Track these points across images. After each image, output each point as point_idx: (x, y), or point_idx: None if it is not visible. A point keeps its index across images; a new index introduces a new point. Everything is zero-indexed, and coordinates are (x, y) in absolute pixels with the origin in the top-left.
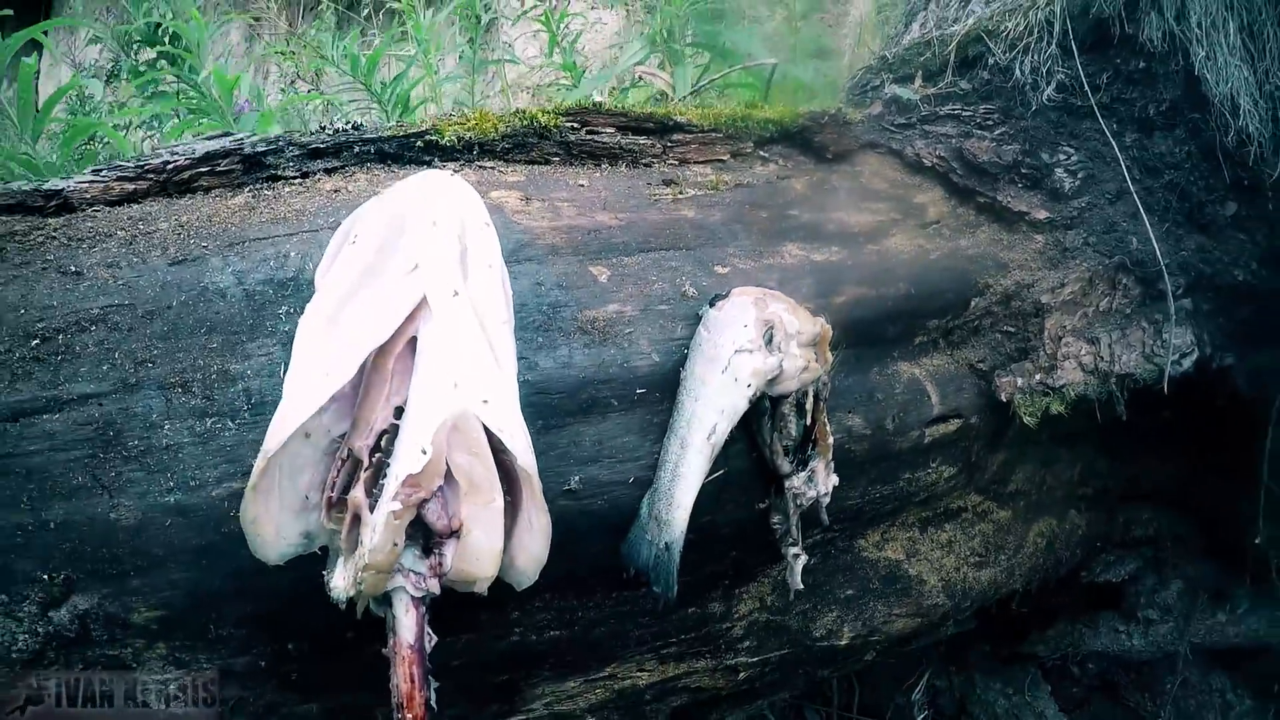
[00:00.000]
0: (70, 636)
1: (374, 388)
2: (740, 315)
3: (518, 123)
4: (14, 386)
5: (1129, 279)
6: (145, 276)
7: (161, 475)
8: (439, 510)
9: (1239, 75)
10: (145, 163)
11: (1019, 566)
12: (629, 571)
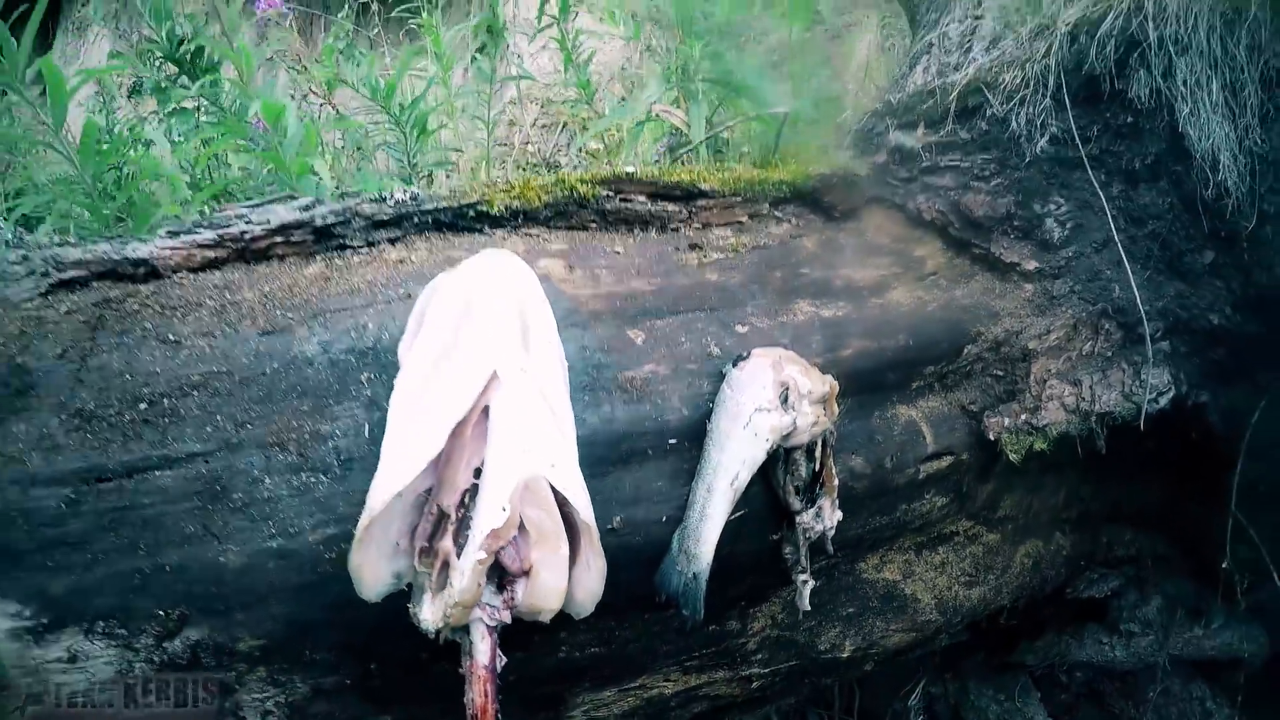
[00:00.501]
0: (182, 664)
1: (455, 452)
2: (760, 376)
3: (559, 192)
4: (127, 446)
5: (1111, 324)
6: (239, 345)
7: (264, 524)
8: (513, 555)
9: (1220, 132)
10: (224, 232)
11: (1007, 585)
12: (660, 597)
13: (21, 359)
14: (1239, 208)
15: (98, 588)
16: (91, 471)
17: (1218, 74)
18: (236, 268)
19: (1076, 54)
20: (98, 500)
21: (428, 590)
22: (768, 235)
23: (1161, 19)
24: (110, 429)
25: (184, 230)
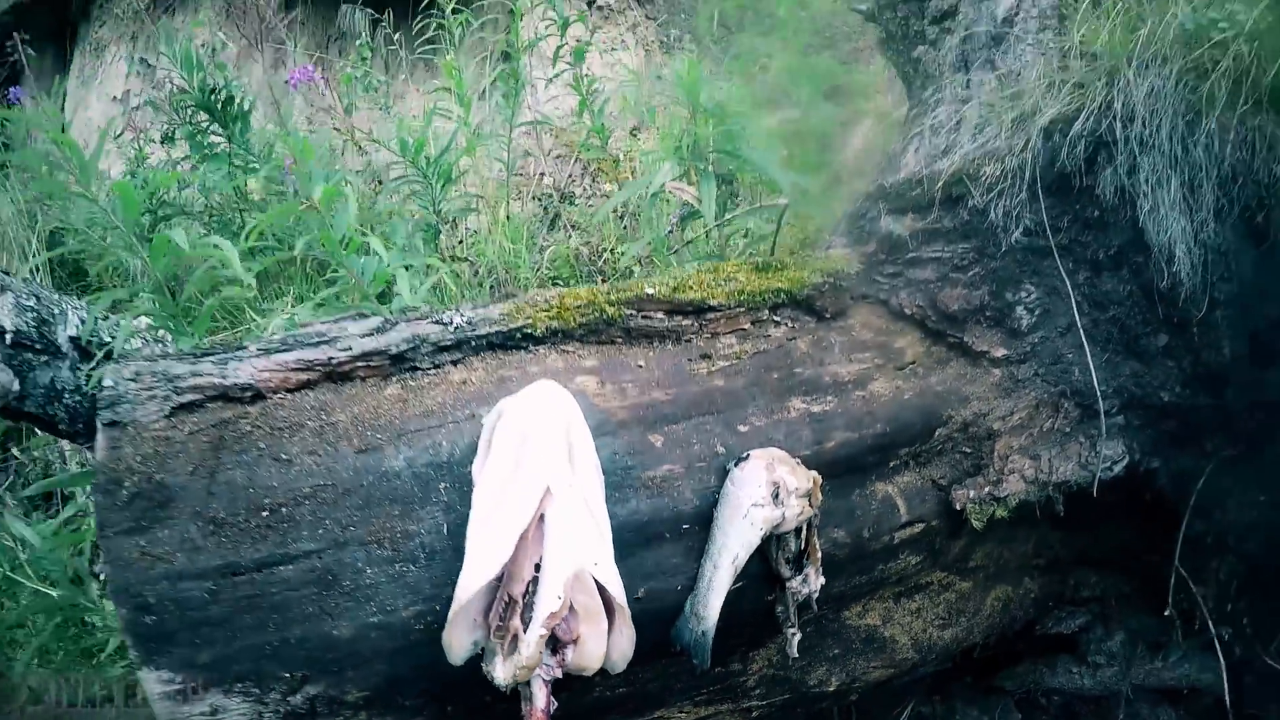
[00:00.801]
0: (302, 713)
1: (520, 551)
2: (755, 476)
3: (592, 314)
4: (254, 547)
5: (1069, 404)
6: (340, 463)
7: (367, 604)
8: (565, 628)
9: (1177, 226)
10: (314, 358)
11: (978, 625)
12: (676, 648)
13: (160, 476)
14: (1191, 295)
15: (236, 657)
16: (227, 567)
17: (1177, 173)
18: (326, 389)
19: (1050, 150)
20: (233, 590)
21: (499, 654)
22: (767, 339)
23: (1128, 120)
24: (240, 533)
25: (274, 349)
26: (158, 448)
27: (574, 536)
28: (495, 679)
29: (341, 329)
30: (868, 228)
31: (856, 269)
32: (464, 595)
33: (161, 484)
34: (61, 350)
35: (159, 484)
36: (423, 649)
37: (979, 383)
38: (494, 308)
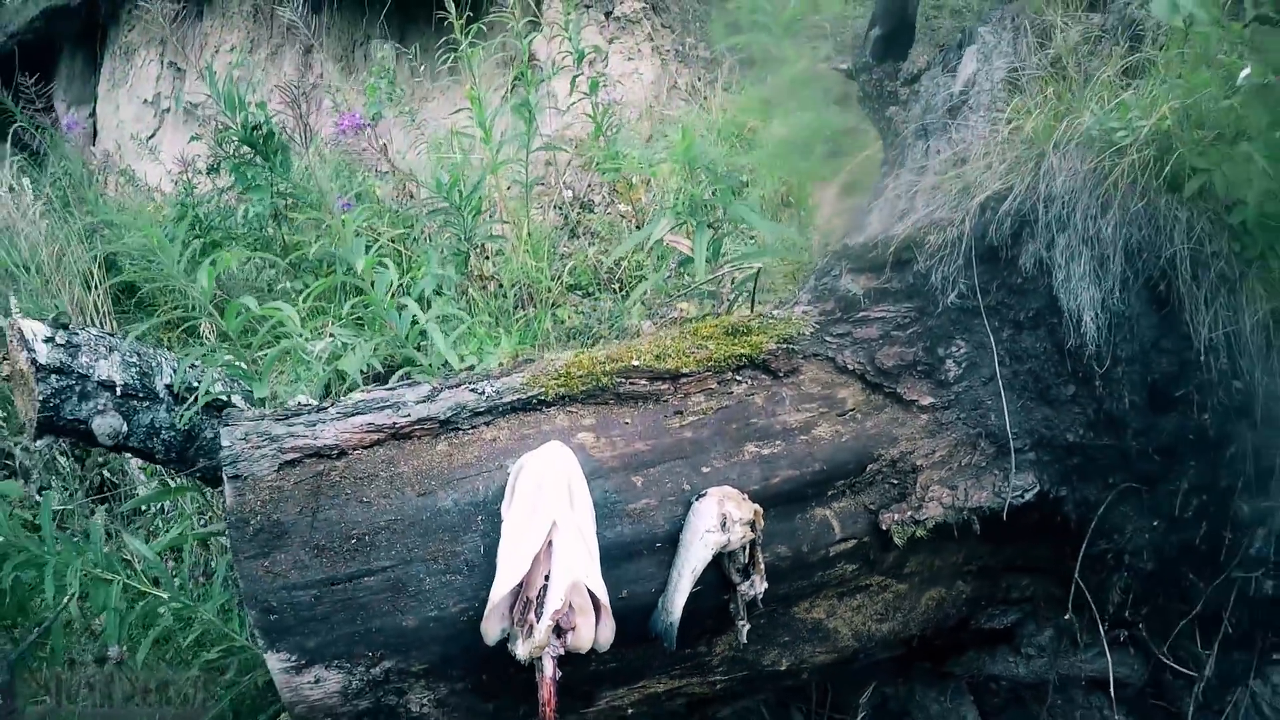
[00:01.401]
0: (379, 677)
1: (534, 567)
2: (709, 509)
3: (590, 382)
4: (346, 564)
5: (986, 443)
6: (406, 504)
7: (426, 604)
8: (566, 620)
9: (1086, 294)
10: (381, 424)
11: (914, 620)
12: (651, 634)
13: (276, 515)
14: (1096, 353)
15: (333, 643)
16: (327, 580)
17: (1088, 247)
18: (392, 445)
19: (984, 224)
20: (332, 596)
21: (520, 638)
22: (729, 396)
23: (1049, 202)
24: (335, 555)
25: (350, 413)
26: (272, 494)
27: (572, 557)
28: (517, 655)
29: (400, 396)
30: (830, 285)
31: (811, 329)
32: (496, 597)
33: (277, 521)
34: (159, 396)
35: (275, 521)
36: (467, 635)
37: (907, 426)
38: (515, 376)
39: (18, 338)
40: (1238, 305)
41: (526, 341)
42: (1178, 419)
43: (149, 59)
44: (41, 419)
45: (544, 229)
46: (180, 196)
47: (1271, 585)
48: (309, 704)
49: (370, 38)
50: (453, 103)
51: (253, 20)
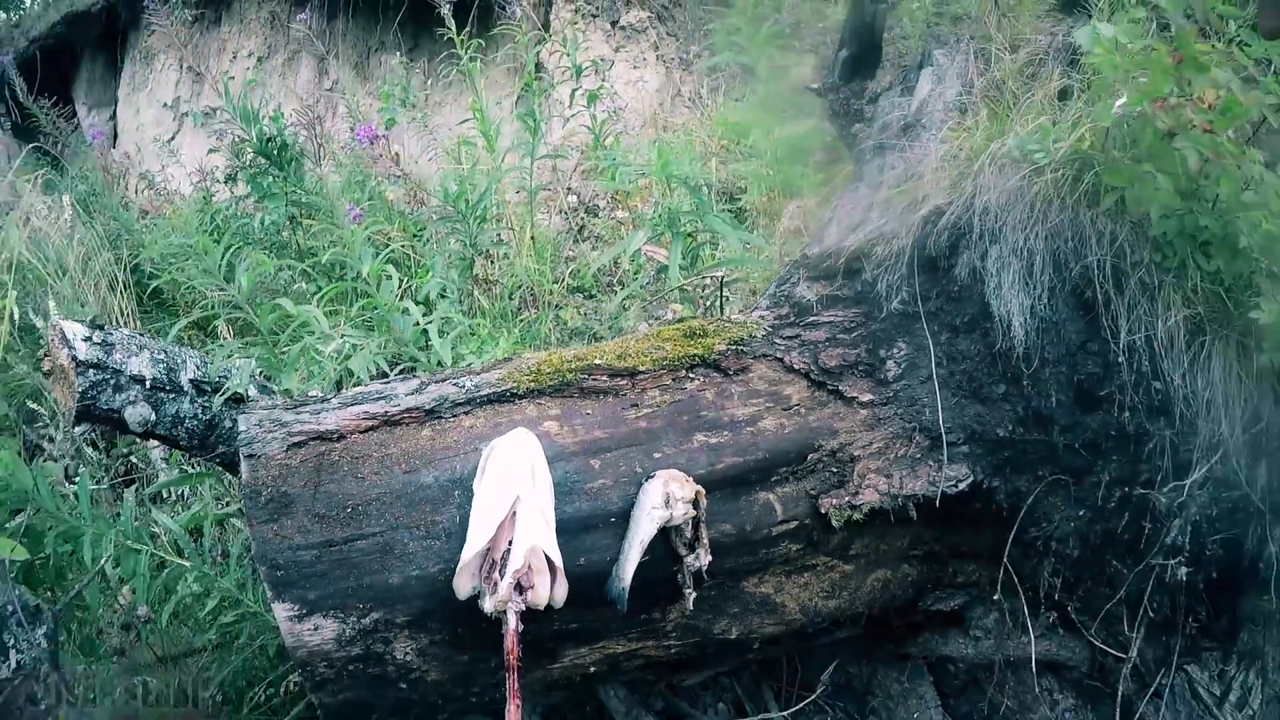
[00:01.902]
0: (369, 627)
1: (500, 533)
2: (656, 488)
3: (558, 378)
4: (342, 529)
5: (921, 436)
6: (394, 480)
7: (409, 564)
8: (526, 579)
9: (1016, 301)
10: (375, 412)
11: (859, 599)
12: (607, 598)
13: (283, 488)
14: (1025, 355)
15: (330, 595)
16: (326, 542)
17: (1018, 258)
18: (384, 431)
19: (924, 237)
20: (330, 556)
21: (486, 595)
22: (682, 391)
23: (983, 216)
24: (333, 521)
25: (349, 403)
26: (280, 470)
27: (531, 525)
28: (485, 609)
29: (392, 389)
30: (787, 291)
31: (764, 332)
32: (466, 557)
33: (285, 493)
34: (183, 389)
35: (283, 493)
36: (443, 592)
37: (847, 420)
38: (493, 373)
39: (59, 337)
40: (1157, 311)
41: (527, 342)
42: (1101, 416)
43: (168, 64)
44: (79, 409)
45: (548, 233)
46: (199, 204)
47: (1187, 573)
48: (309, 649)
49: (384, 45)
50: (463, 108)
51: (269, 27)
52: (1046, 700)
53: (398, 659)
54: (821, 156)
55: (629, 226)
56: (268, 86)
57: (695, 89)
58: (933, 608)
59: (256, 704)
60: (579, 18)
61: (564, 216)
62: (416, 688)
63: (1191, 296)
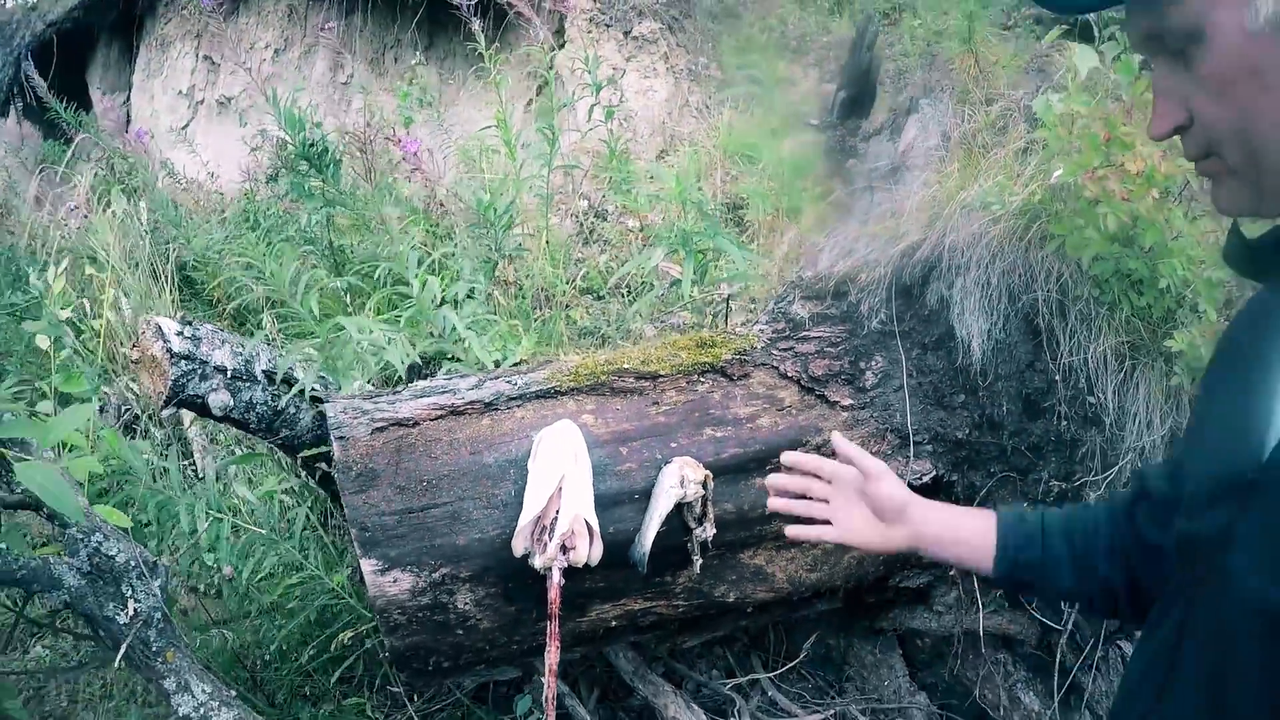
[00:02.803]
0: (438, 580)
1: (549, 503)
2: (673, 471)
3: (594, 379)
4: (419, 498)
5: (892, 436)
6: (461, 459)
7: (473, 529)
8: (570, 541)
9: (975, 326)
10: (443, 404)
11: (838, 574)
12: (630, 561)
13: (370, 464)
14: (981, 370)
15: (408, 554)
16: (406, 510)
17: (979, 289)
18: (451, 419)
19: (901, 268)
20: (409, 521)
21: (536, 554)
22: (694, 393)
23: (952, 253)
24: (411, 493)
25: (420, 395)
26: (367, 450)
27: (575, 497)
28: (535, 565)
29: (454, 385)
30: (784, 309)
31: (763, 344)
32: (522, 523)
33: (371, 469)
34: (257, 378)
35: (370, 469)
36: (500, 553)
37: (831, 420)
38: (539, 373)
39: (154, 330)
40: (1093, 338)
41: (544, 340)
42: (1044, 424)
43: (184, 51)
44: (170, 394)
45: (559, 235)
46: (242, 201)
47: None
48: (388, 598)
49: (400, 43)
50: (477, 106)
51: (287, 20)
52: (1000, 671)
53: (458, 608)
54: (819, 184)
55: (636, 232)
56: (284, 79)
57: (703, 99)
58: (901, 585)
59: (301, 665)
60: (594, 26)
61: (575, 220)
62: (470, 634)
63: (1123, 327)
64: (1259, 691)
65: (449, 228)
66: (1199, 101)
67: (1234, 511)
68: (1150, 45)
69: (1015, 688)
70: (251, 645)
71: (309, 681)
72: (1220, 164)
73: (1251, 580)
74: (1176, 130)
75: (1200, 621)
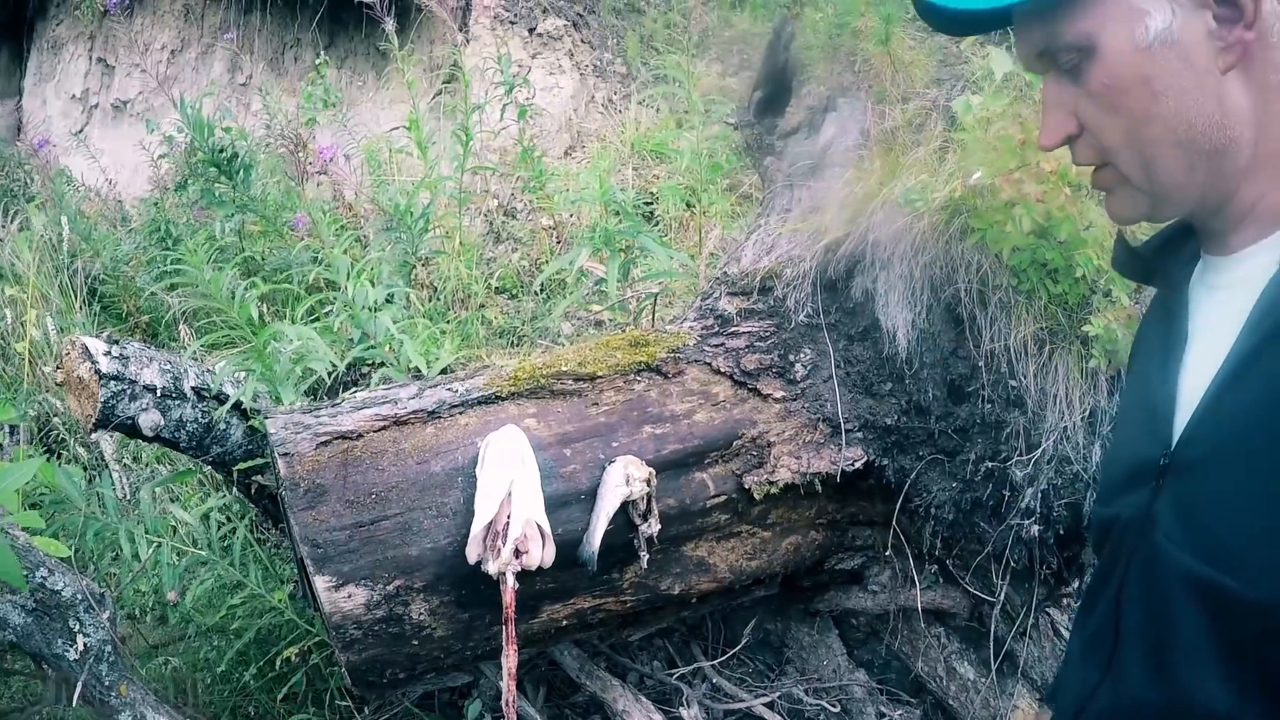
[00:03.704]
0: (392, 592)
1: (500, 509)
2: (617, 470)
3: (533, 383)
4: (369, 512)
5: (824, 425)
6: (408, 470)
7: (424, 538)
8: (522, 545)
9: (900, 317)
10: (386, 414)
11: (776, 560)
12: (579, 561)
13: (318, 480)
14: (907, 359)
15: (362, 568)
16: (357, 523)
17: (903, 282)
18: (395, 430)
19: (827, 262)
20: (359, 534)
21: (490, 560)
22: (632, 392)
23: (875, 248)
24: (361, 506)
25: (361, 407)
26: (314, 465)
27: (525, 501)
28: (489, 571)
29: (395, 394)
30: (711, 305)
31: (694, 341)
32: (474, 530)
33: (319, 484)
34: (186, 396)
35: (318, 484)
36: (452, 560)
37: (764, 413)
38: (479, 379)
39: (80, 351)
40: (1013, 325)
41: (464, 342)
42: (969, 408)
43: (77, 54)
44: (100, 417)
45: (471, 236)
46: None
47: (1039, 530)
48: (343, 613)
49: (300, 42)
50: (381, 105)
51: (184, 19)
52: (936, 645)
53: (413, 619)
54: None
55: (549, 230)
56: (181, 80)
57: (608, 95)
58: (836, 567)
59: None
60: (498, 24)
61: (485, 219)
62: (426, 644)
63: (1041, 314)
64: (1199, 655)
65: (360, 231)
66: (1089, 112)
67: (1150, 494)
68: (1041, 62)
69: (951, 659)
70: (192, 668)
71: (251, 702)
72: (1114, 174)
73: (1177, 555)
74: (1066, 140)
75: (1136, 597)
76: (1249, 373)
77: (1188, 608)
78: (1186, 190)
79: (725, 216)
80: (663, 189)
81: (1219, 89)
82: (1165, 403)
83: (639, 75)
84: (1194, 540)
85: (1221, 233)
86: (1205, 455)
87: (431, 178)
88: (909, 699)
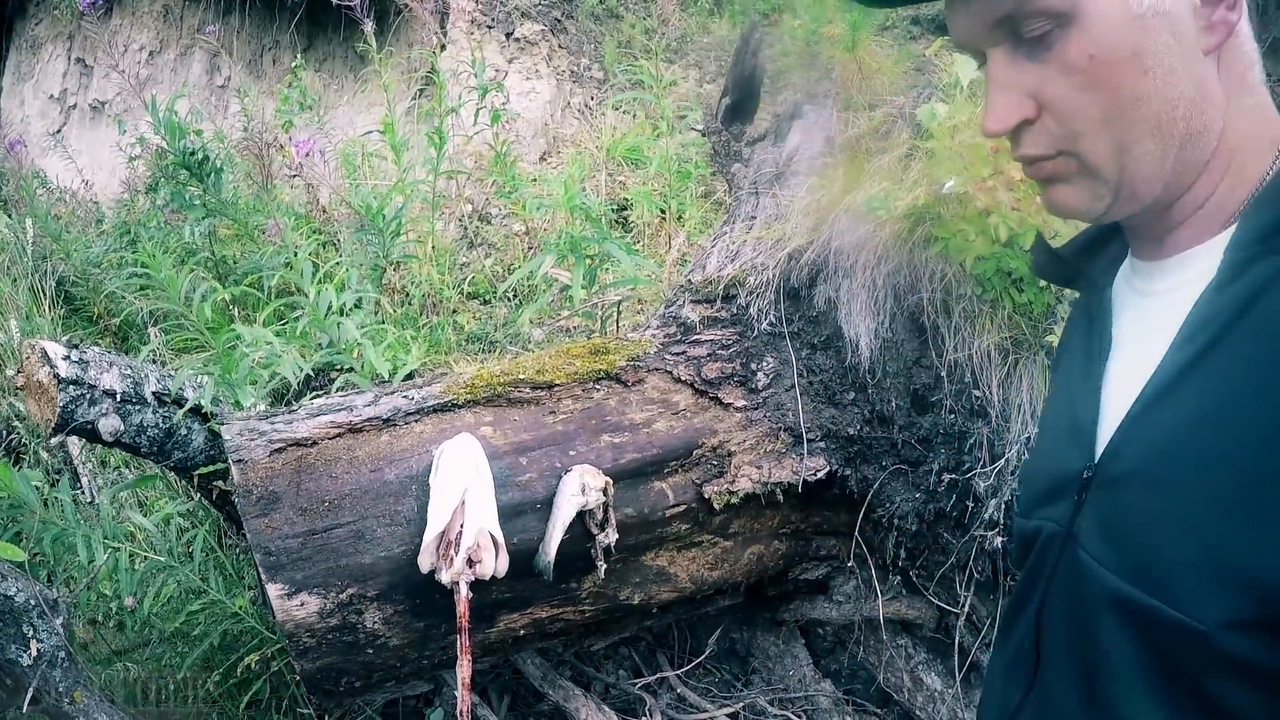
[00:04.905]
0: (345, 601)
1: (453, 518)
2: (573, 479)
3: (490, 391)
4: (322, 519)
5: (786, 434)
6: (362, 477)
7: (378, 547)
8: (475, 554)
9: (863, 326)
10: (341, 421)
11: (738, 570)
12: (535, 570)
13: (271, 487)
14: (870, 368)
15: (314, 576)
16: (310, 531)
17: (866, 291)
18: (350, 437)
19: (790, 270)
20: (312, 542)
21: (443, 569)
22: (590, 400)
23: (839, 256)
24: (314, 514)
25: (317, 414)
26: (267, 472)
27: (479, 511)
28: (442, 580)
29: (351, 402)
30: (674, 313)
31: (655, 349)
32: (427, 539)
33: (272, 491)
34: (147, 401)
35: (271, 491)
36: (406, 569)
37: (725, 421)
38: (435, 386)
39: (39, 355)
40: (976, 334)
41: (433, 348)
42: (932, 418)
43: (56, 54)
44: (60, 421)
45: (445, 240)
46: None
47: (1001, 542)
48: (295, 622)
49: (278, 44)
50: (358, 109)
51: (163, 20)
52: (902, 655)
53: (368, 627)
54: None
55: (522, 235)
56: (160, 81)
57: (585, 100)
58: (801, 577)
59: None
60: (475, 28)
61: (459, 223)
62: (381, 653)
63: (1005, 323)
64: (1132, 678)
65: (333, 234)
66: (1056, 92)
67: (1073, 508)
68: (994, 35)
69: (917, 669)
70: (153, 675)
71: (214, 709)
72: (1072, 162)
73: (1099, 572)
74: (1019, 125)
75: (1060, 615)
76: (1181, 388)
77: (1117, 630)
78: (1153, 183)
79: (698, 223)
80: (635, 195)
81: (1201, 71)
82: (1088, 412)
83: (616, 81)
84: (1120, 560)
85: (1158, 236)
86: (1132, 471)
87: (405, 181)
88: (875, 709)
